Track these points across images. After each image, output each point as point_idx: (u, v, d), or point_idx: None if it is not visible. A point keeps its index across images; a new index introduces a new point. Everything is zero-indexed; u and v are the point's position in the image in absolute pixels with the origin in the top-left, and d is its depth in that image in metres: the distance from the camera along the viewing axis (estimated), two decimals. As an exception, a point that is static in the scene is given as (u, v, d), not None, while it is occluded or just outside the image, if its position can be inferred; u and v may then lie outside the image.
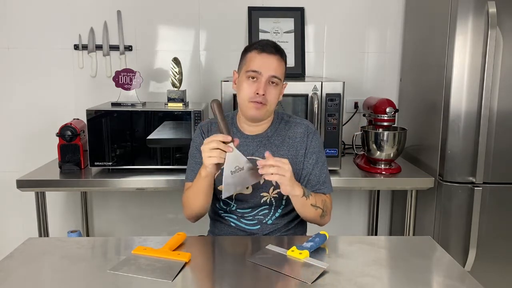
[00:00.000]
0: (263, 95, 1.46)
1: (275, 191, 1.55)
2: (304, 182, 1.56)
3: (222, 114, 1.37)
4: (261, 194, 1.55)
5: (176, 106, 2.10)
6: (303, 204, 1.45)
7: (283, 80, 1.54)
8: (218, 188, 1.58)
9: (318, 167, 1.56)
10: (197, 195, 1.49)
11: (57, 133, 2.07)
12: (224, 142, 1.32)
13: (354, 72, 2.59)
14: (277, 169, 1.32)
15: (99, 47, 2.48)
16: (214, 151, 1.32)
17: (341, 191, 2.67)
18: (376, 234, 2.69)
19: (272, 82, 1.48)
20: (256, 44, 1.52)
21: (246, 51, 1.54)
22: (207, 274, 1.22)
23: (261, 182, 1.51)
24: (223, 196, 1.36)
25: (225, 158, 1.32)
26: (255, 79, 1.47)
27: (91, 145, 2.03)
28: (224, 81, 2.02)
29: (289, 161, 1.52)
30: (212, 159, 1.33)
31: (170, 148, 2.07)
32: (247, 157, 1.50)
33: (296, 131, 1.58)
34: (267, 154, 1.35)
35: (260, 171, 1.33)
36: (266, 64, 1.47)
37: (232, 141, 1.33)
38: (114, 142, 2.05)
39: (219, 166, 1.38)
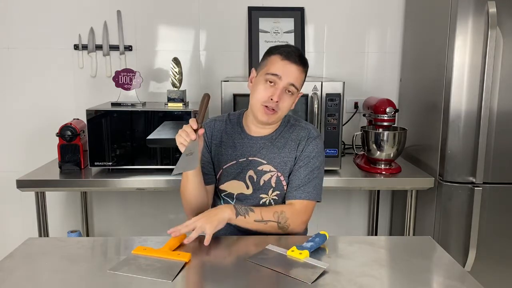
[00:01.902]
0: (277, 102, 1.44)
1: (274, 193, 1.55)
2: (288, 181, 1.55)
3: (206, 108, 1.43)
4: (261, 196, 1.55)
5: (176, 106, 2.10)
6: (246, 223, 1.42)
7: (300, 90, 1.52)
8: (220, 187, 1.59)
9: (304, 170, 1.52)
10: (184, 184, 1.50)
11: (57, 133, 2.07)
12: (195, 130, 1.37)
13: (354, 72, 2.59)
14: (195, 231, 1.32)
15: (99, 47, 2.48)
16: (183, 132, 1.37)
17: (341, 191, 2.67)
18: (376, 234, 2.69)
19: (289, 91, 1.46)
20: (282, 49, 1.48)
21: (270, 52, 1.50)
22: (207, 274, 1.22)
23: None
24: (172, 173, 1.37)
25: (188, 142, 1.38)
26: (272, 83, 1.45)
27: (91, 145, 2.03)
28: (224, 81, 2.02)
29: (290, 164, 1.54)
30: (179, 138, 1.37)
31: (170, 148, 2.07)
32: (249, 158, 1.52)
33: (298, 135, 1.57)
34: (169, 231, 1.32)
35: (185, 241, 1.32)
36: (287, 70, 1.45)
37: (198, 129, 1.38)
38: (114, 142, 2.05)
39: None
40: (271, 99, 1.44)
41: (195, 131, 1.37)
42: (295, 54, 1.47)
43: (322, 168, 1.57)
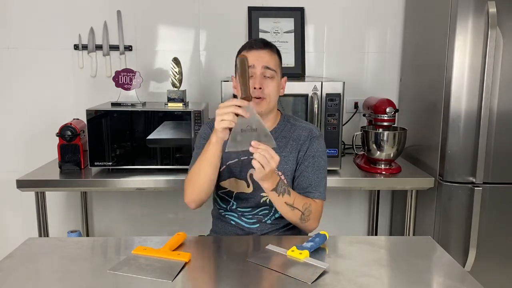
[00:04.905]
0: (260, 88, 1.47)
1: None
2: (295, 183, 1.55)
3: (247, 71, 1.34)
4: (261, 194, 1.55)
5: (176, 106, 2.10)
6: (276, 199, 1.43)
7: (280, 73, 1.54)
8: (220, 184, 1.58)
9: (312, 170, 1.54)
10: (203, 165, 1.44)
11: (57, 133, 2.07)
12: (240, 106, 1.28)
13: (354, 72, 2.59)
14: (262, 158, 1.27)
15: (99, 47, 2.48)
16: (228, 114, 1.27)
17: (341, 191, 2.67)
18: (376, 234, 2.69)
19: (267, 76, 1.49)
20: (245, 45, 1.55)
21: (237, 55, 1.54)
22: (207, 274, 1.22)
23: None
24: (227, 149, 1.29)
25: (236, 122, 1.27)
26: (251, 76, 1.47)
27: (91, 145, 2.03)
28: (224, 81, 2.02)
29: (291, 163, 1.53)
30: (224, 122, 1.28)
31: (170, 148, 2.07)
32: (250, 157, 1.48)
33: (300, 134, 1.58)
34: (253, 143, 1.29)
35: (250, 149, 1.28)
36: (256, 57, 1.48)
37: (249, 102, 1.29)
38: (114, 142, 2.05)
39: (229, 131, 1.31)
40: (254, 88, 1.46)
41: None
42: (258, 41, 1.53)
43: (326, 166, 1.60)
